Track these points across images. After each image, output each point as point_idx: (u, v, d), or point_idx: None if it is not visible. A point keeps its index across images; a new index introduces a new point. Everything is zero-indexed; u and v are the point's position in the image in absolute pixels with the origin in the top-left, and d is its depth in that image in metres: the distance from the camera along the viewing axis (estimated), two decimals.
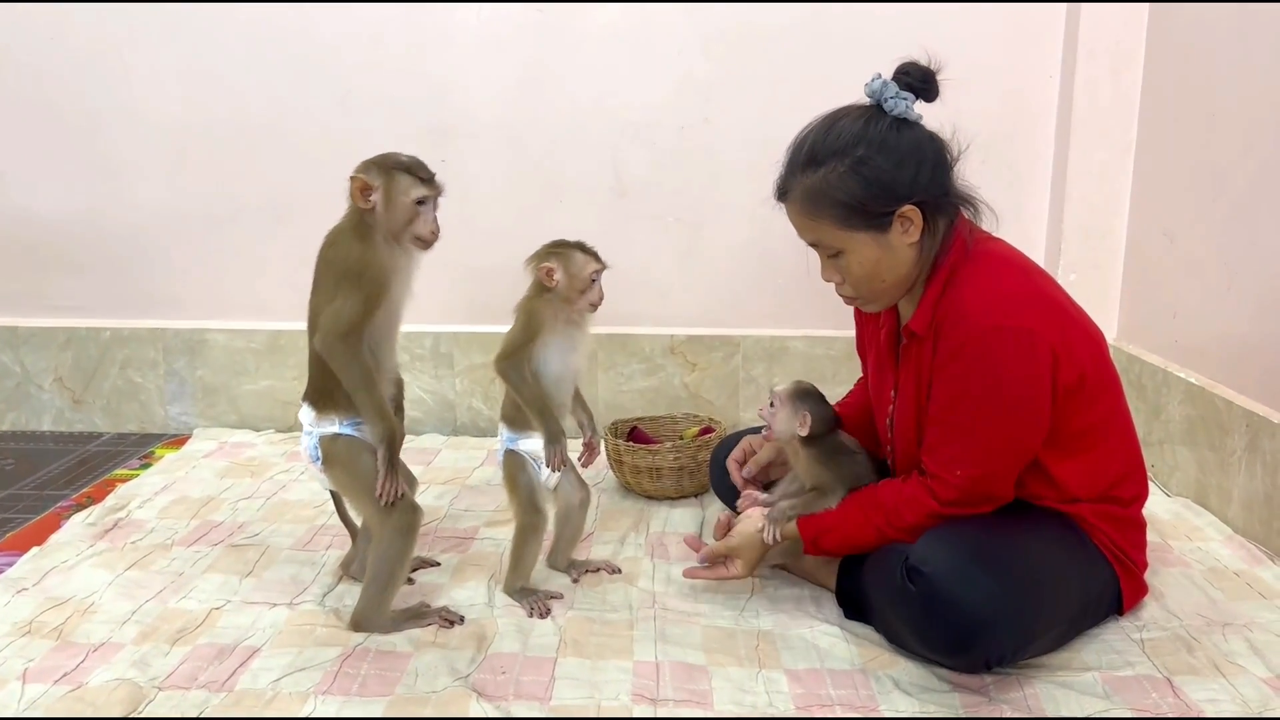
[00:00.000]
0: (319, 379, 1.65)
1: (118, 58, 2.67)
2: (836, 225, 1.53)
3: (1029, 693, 1.47)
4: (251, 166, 2.71)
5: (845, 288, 1.61)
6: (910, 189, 1.50)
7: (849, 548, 1.66)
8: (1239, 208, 2.09)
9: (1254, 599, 1.77)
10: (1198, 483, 2.20)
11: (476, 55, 2.65)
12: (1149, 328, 2.48)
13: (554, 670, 1.54)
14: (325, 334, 1.57)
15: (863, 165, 1.49)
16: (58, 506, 2.24)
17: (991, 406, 1.50)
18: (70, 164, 2.74)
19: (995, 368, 1.48)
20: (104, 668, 1.53)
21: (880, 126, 1.51)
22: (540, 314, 1.74)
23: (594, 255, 1.77)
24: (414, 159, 1.65)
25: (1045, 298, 1.54)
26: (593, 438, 1.86)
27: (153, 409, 2.84)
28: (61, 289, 2.83)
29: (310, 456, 1.67)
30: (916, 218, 1.52)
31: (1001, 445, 1.52)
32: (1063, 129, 2.60)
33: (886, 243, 1.53)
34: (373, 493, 1.61)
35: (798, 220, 1.58)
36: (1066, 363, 1.50)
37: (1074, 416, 1.55)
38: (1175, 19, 2.37)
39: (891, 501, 1.58)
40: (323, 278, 1.62)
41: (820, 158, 1.52)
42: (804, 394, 1.73)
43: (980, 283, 1.52)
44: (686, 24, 2.61)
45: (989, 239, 1.60)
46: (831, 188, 1.50)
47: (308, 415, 1.66)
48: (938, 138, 1.55)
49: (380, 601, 1.64)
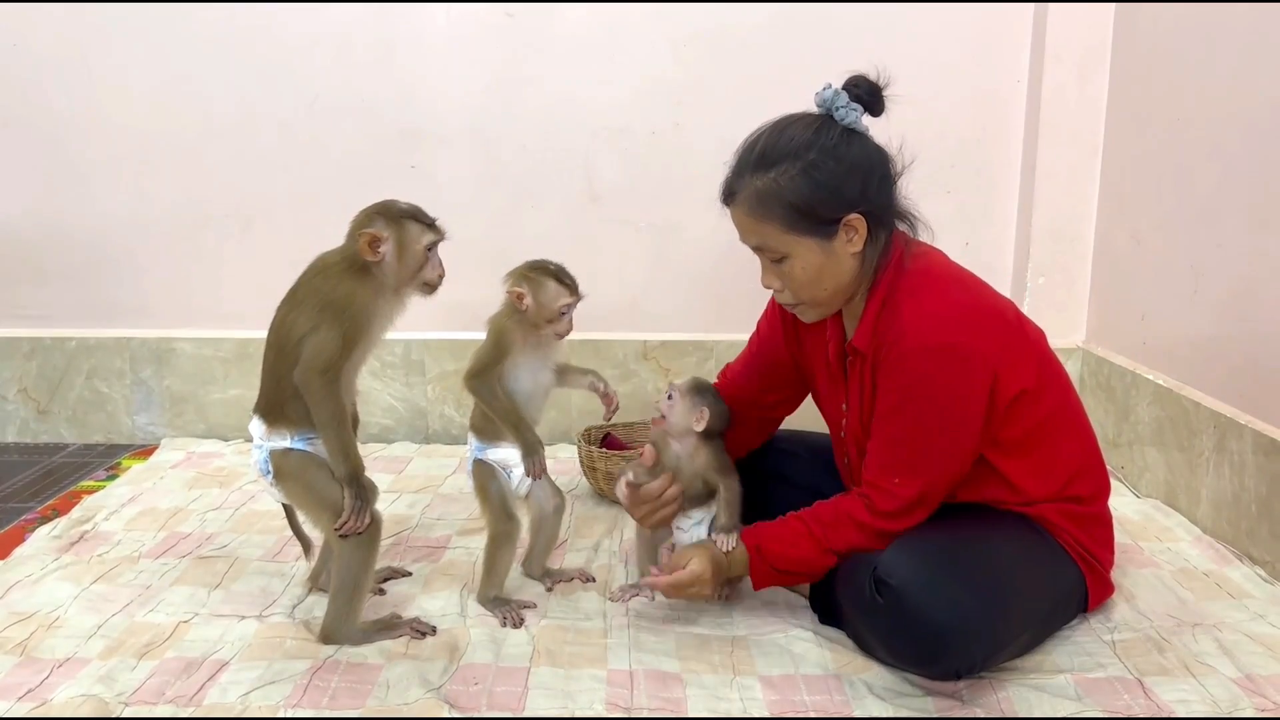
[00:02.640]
0: (271, 392, 1.62)
1: (82, 62, 2.63)
2: (783, 229, 1.53)
3: (1001, 696, 1.47)
4: (219, 172, 2.68)
5: (785, 294, 1.62)
6: (858, 198, 1.52)
7: (792, 561, 1.61)
8: (1205, 210, 2.12)
9: (1223, 599, 1.78)
10: (1167, 484, 2.22)
11: (446, 59, 2.63)
12: (1117, 330, 2.50)
13: (527, 680, 1.53)
14: (305, 368, 1.55)
15: (814, 169, 1.50)
16: (22, 519, 2.20)
17: (928, 420, 1.52)
18: (34, 170, 2.70)
19: (930, 384, 1.50)
20: (69, 683, 1.50)
21: (831, 134, 1.52)
22: (509, 335, 1.73)
23: (569, 286, 1.74)
24: (412, 205, 1.64)
25: (981, 310, 1.55)
26: (607, 387, 1.84)
27: (119, 419, 2.80)
28: (26, 297, 2.78)
29: (261, 470, 1.64)
30: (861, 227, 1.54)
31: (935, 457, 1.54)
32: (1031, 132, 2.62)
33: (831, 250, 1.54)
34: (327, 507, 1.59)
35: (744, 222, 1.58)
36: (1008, 374, 1.52)
37: (1020, 419, 1.56)
38: (1141, 22, 2.39)
39: (829, 515, 1.59)
40: (304, 302, 1.58)
41: (771, 160, 1.52)
42: (703, 389, 1.75)
43: (918, 300, 1.53)
44: (656, 28, 2.61)
45: (926, 251, 1.62)
46: (782, 190, 1.51)
47: (258, 428, 1.64)
48: (884, 151, 1.58)
49: (348, 613, 1.62)
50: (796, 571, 1.65)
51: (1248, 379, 1.97)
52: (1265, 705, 1.45)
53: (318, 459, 1.62)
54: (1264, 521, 1.88)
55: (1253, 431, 1.91)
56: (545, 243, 2.67)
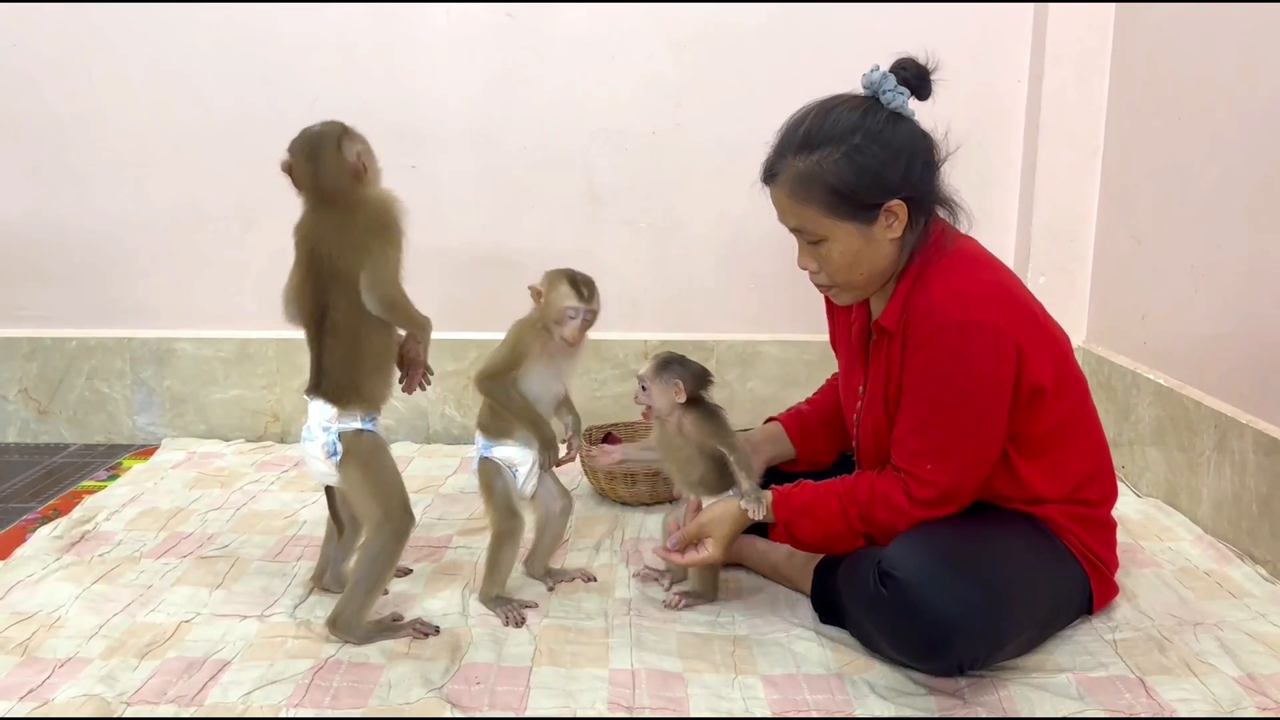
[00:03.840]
0: (344, 374, 1.62)
1: (82, 63, 2.63)
2: (823, 212, 1.53)
3: (1003, 695, 1.47)
4: (219, 173, 2.68)
5: (820, 276, 1.62)
6: (901, 183, 1.51)
7: (820, 536, 1.63)
8: (1205, 209, 2.12)
9: (1224, 598, 1.78)
10: (1167, 483, 2.22)
11: (446, 60, 2.63)
12: (1118, 329, 2.50)
13: (529, 679, 1.53)
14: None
15: (858, 154, 1.49)
16: (23, 519, 2.20)
17: (956, 399, 1.51)
18: (34, 171, 2.70)
19: (960, 361, 1.49)
20: (71, 683, 1.50)
21: (877, 118, 1.51)
22: (526, 341, 1.73)
23: (580, 292, 1.73)
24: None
25: (1013, 298, 1.55)
26: (571, 438, 1.85)
27: (120, 419, 2.80)
28: (26, 298, 2.78)
29: (329, 451, 1.62)
30: (902, 213, 1.53)
31: (964, 439, 1.53)
32: (1031, 132, 2.62)
33: (870, 235, 1.54)
34: (381, 498, 1.62)
35: (784, 203, 1.57)
36: (1032, 363, 1.52)
37: (1040, 418, 1.56)
38: (1141, 22, 2.39)
39: (865, 495, 1.58)
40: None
41: (815, 142, 1.51)
42: (666, 363, 1.72)
43: (949, 279, 1.53)
44: (656, 28, 2.61)
45: (963, 239, 1.61)
46: (824, 173, 1.50)
47: (325, 411, 1.62)
48: (929, 136, 1.57)
49: (363, 604, 1.62)
50: (821, 548, 1.67)
51: (1248, 378, 1.97)
52: (1267, 704, 1.45)
53: (385, 443, 1.66)
54: (1265, 521, 1.88)
55: (1253, 430, 1.91)
56: (545, 243, 2.70)
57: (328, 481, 1.70)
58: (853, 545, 1.62)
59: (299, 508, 2.23)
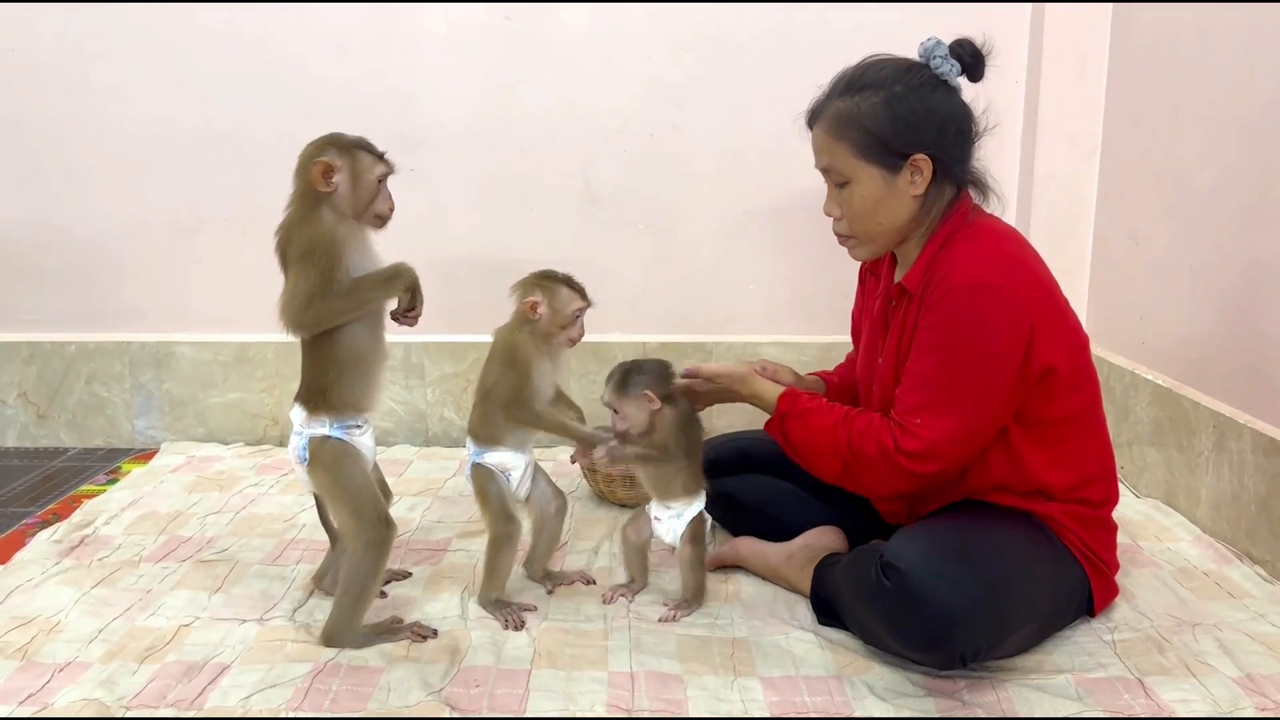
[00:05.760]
0: (313, 379, 1.62)
1: (80, 66, 2.63)
2: (853, 152, 1.58)
3: (1002, 696, 1.48)
4: (217, 176, 2.68)
5: (842, 224, 1.67)
6: (931, 141, 1.57)
7: (804, 443, 1.65)
8: (1203, 210, 2.12)
9: (1223, 599, 1.78)
10: (1166, 483, 2.22)
11: (444, 62, 2.63)
12: (1116, 330, 2.50)
13: (528, 682, 1.53)
14: (281, 309, 1.57)
15: (896, 101, 1.56)
16: (22, 524, 2.20)
17: (958, 358, 1.52)
18: (32, 174, 2.70)
19: (969, 322, 1.51)
20: (70, 688, 1.50)
21: (921, 75, 1.59)
22: (524, 350, 1.73)
23: (580, 292, 1.75)
24: (360, 137, 1.64)
25: (1035, 276, 1.57)
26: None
27: (119, 423, 2.80)
28: (24, 302, 2.78)
29: (298, 457, 1.64)
30: (927, 169, 1.57)
31: (960, 399, 1.53)
32: (1029, 133, 2.62)
33: (893, 185, 1.59)
34: (351, 503, 1.60)
35: (821, 141, 1.63)
36: (1045, 342, 1.53)
37: (1050, 403, 1.57)
38: (1139, 22, 2.40)
39: (861, 426, 1.59)
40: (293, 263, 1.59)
41: (858, 86, 1.60)
42: (628, 375, 1.73)
43: (974, 246, 1.56)
44: (655, 30, 2.61)
45: (992, 217, 1.65)
46: (861, 114, 1.57)
47: (298, 415, 1.64)
48: (969, 109, 1.62)
49: (352, 616, 1.62)
50: (800, 455, 1.68)
51: (1247, 379, 1.98)
52: (1266, 705, 1.45)
53: (353, 450, 1.63)
54: (1263, 521, 1.88)
55: (1252, 431, 1.91)
56: (545, 245, 2.70)
57: (306, 487, 1.71)
58: (829, 467, 1.63)
59: (298, 511, 2.23)
